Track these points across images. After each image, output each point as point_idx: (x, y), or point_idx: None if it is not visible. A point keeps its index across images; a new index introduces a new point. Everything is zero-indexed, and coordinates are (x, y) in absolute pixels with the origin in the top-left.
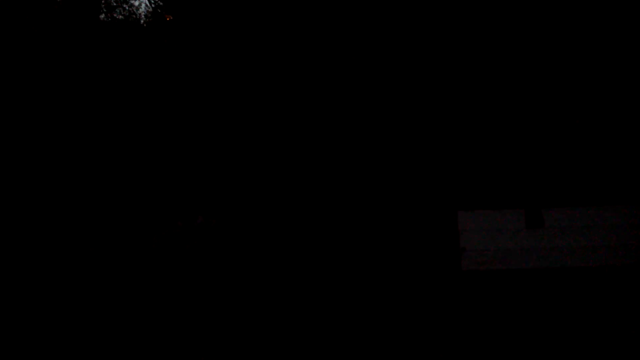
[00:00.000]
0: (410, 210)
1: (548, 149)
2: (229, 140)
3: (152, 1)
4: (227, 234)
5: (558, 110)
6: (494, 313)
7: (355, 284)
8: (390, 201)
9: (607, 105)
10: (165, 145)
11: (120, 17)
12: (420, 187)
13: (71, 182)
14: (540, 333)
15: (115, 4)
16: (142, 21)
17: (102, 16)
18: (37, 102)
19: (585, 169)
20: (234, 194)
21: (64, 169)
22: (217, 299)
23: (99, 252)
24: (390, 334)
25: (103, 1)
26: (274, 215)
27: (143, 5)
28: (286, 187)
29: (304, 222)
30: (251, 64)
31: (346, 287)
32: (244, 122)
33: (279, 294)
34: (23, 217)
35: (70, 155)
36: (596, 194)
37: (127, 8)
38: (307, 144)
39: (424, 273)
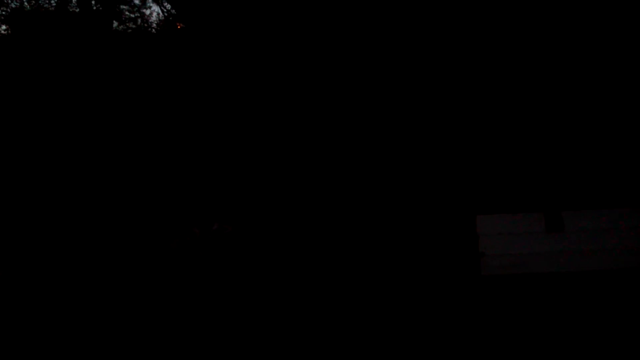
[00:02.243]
0: (429, 214)
1: (567, 151)
2: (246, 148)
3: (165, 10)
4: (243, 241)
5: (578, 112)
6: (514, 318)
7: (373, 290)
8: (408, 206)
9: (628, 106)
10: (182, 153)
11: (133, 25)
12: (439, 191)
13: (91, 189)
14: (562, 338)
15: (128, 14)
16: (153, 28)
17: (115, 25)
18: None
19: (606, 171)
20: (250, 201)
21: (84, 177)
22: (232, 304)
23: (117, 258)
24: (410, 340)
25: (117, 10)
26: (290, 222)
27: (155, 14)
28: (302, 194)
29: (320, 229)
30: (266, 72)
31: (364, 293)
32: (261, 130)
33: (294, 299)
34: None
35: (89, 164)
36: (617, 195)
37: (139, 17)
38: (324, 152)
39: (443, 278)
